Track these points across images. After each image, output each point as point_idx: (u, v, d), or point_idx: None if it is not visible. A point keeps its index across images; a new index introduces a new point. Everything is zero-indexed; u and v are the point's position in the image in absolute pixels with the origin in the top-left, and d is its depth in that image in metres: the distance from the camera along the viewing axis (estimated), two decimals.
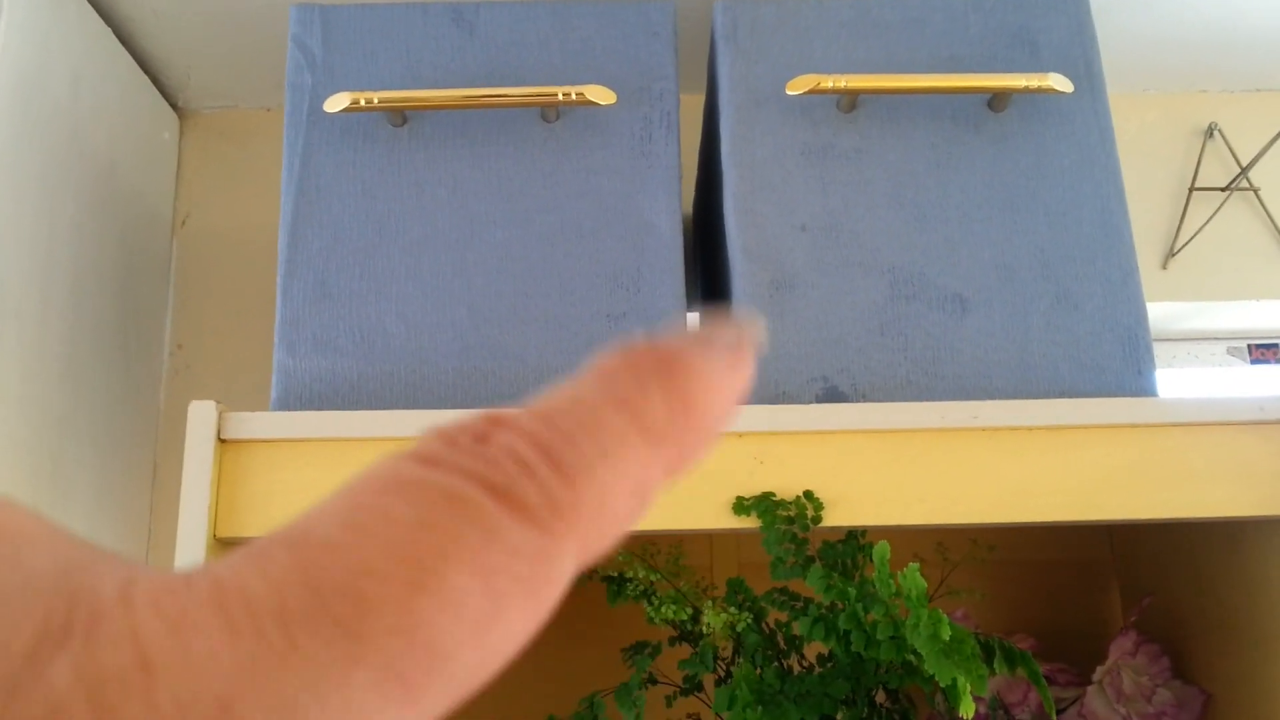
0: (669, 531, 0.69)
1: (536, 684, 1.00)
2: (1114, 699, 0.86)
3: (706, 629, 0.71)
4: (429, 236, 0.77)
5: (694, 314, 1.05)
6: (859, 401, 0.73)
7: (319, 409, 0.74)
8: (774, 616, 0.73)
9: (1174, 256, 1.19)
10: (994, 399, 0.73)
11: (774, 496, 0.68)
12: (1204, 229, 1.19)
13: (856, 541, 0.70)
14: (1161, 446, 0.71)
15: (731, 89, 0.79)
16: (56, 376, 0.97)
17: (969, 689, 0.51)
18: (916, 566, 0.57)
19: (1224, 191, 1.20)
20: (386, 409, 0.73)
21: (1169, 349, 1.28)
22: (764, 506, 0.68)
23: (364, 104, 0.75)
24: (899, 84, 0.76)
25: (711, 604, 0.71)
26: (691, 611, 0.73)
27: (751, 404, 0.73)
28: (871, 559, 0.70)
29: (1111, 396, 0.73)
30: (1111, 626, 1.03)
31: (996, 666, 0.64)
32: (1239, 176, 1.20)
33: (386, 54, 0.80)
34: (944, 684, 0.52)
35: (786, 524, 0.67)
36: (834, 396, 0.73)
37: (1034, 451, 0.70)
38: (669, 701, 0.75)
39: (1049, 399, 0.72)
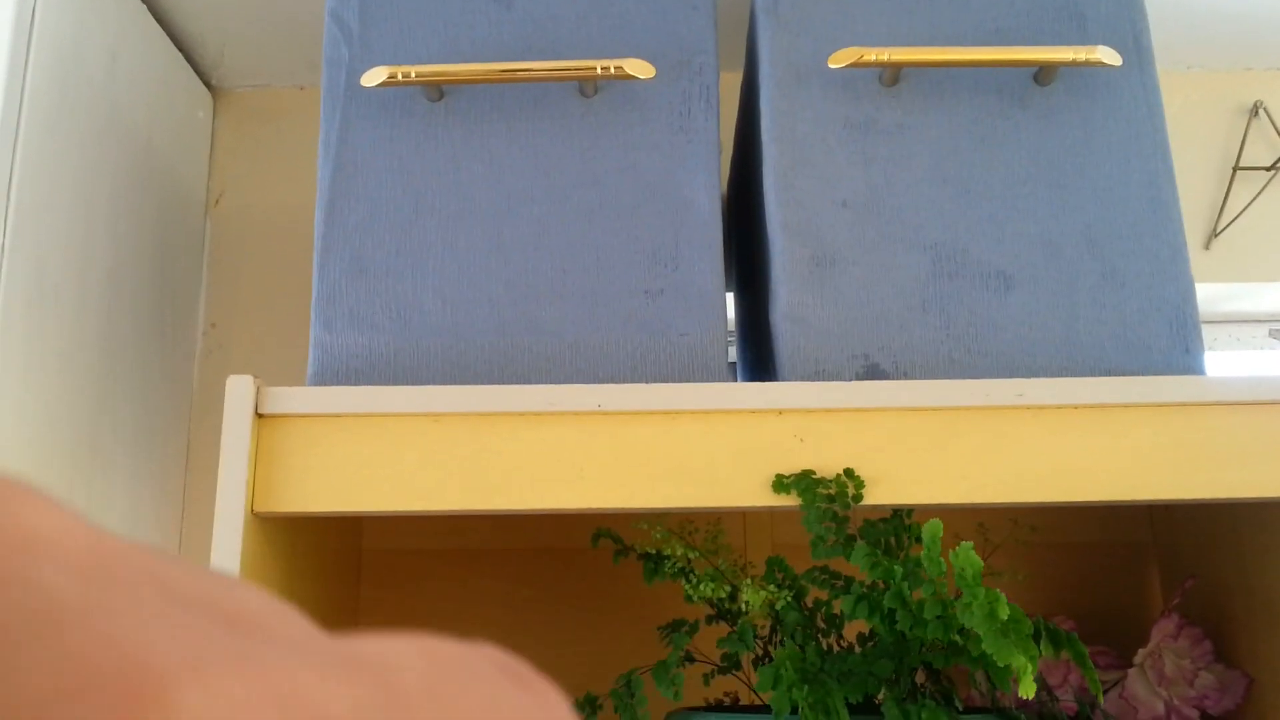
0: (708, 509, 0.69)
1: (572, 661, 1.00)
2: (1155, 682, 0.85)
3: (745, 607, 0.70)
4: (466, 212, 0.76)
5: (728, 295, 1.04)
6: (900, 379, 0.72)
7: (355, 384, 0.73)
8: (813, 595, 0.72)
9: (1217, 237, 1.18)
10: (1038, 377, 0.71)
11: (814, 474, 0.68)
12: (1248, 209, 1.17)
13: (901, 520, 0.70)
14: (1208, 426, 0.69)
15: (772, 63, 0.77)
16: (94, 355, 0.97)
17: (1029, 669, 0.51)
18: (970, 545, 0.56)
19: (1269, 171, 1.18)
20: (423, 384, 0.72)
21: (1210, 331, 1.26)
22: (804, 485, 0.67)
23: (401, 78, 0.75)
24: (943, 57, 0.75)
25: (750, 582, 0.70)
26: (729, 589, 0.72)
27: (792, 381, 0.72)
28: (915, 539, 0.69)
29: (1158, 375, 0.72)
30: (1151, 609, 1.01)
31: (1042, 648, 0.64)
32: None
33: (423, 28, 0.80)
34: (1002, 664, 0.51)
35: (827, 502, 0.67)
36: (875, 374, 0.72)
37: (1079, 430, 0.69)
38: (706, 680, 0.75)
39: (1095, 377, 0.71)
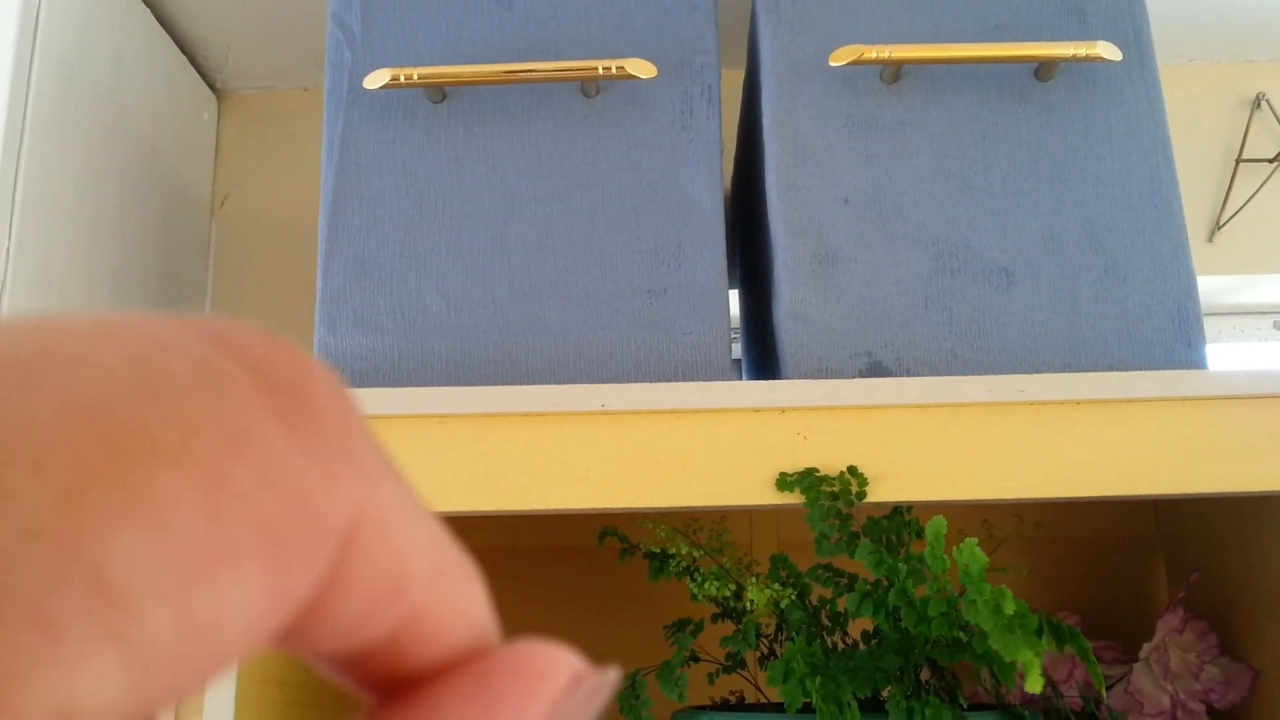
0: (712, 508, 0.69)
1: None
2: (1161, 676, 0.85)
3: (750, 606, 0.71)
4: (469, 213, 0.76)
5: (732, 292, 1.05)
6: (903, 376, 0.72)
7: (359, 386, 0.74)
8: (817, 593, 0.72)
9: (1220, 229, 1.17)
10: (1041, 373, 0.72)
11: (818, 472, 0.68)
12: (1251, 201, 1.17)
13: (902, 517, 0.70)
14: (1212, 420, 0.69)
15: (774, 61, 0.78)
16: None
17: (1037, 665, 0.51)
18: (974, 541, 0.56)
19: (1272, 163, 1.18)
20: (427, 386, 0.73)
21: (1214, 323, 1.26)
22: (808, 482, 0.67)
23: (404, 80, 0.75)
24: (944, 54, 0.75)
25: (755, 580, 0.70)
26: (734, 588, 0.73)
27: (795, 379, 0.72)
28: (917, 535, 0.70)
29: (1161, 370, 0.72)
30: (1156, 603, 1.02)
31: (1045, 643, 0.64)
32: None
33: (425, 30, 0.80)
34: (1009, 659, 0.52)
35: (830, 500, 0.67)
36: (878, 371, 0.72)
37: (1083, 426, 0.69)
38: (711, 679, 0.75)
39: (1097, 372, 0.71)
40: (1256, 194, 1.17)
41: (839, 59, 0.74)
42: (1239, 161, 1.18)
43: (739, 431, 0.69)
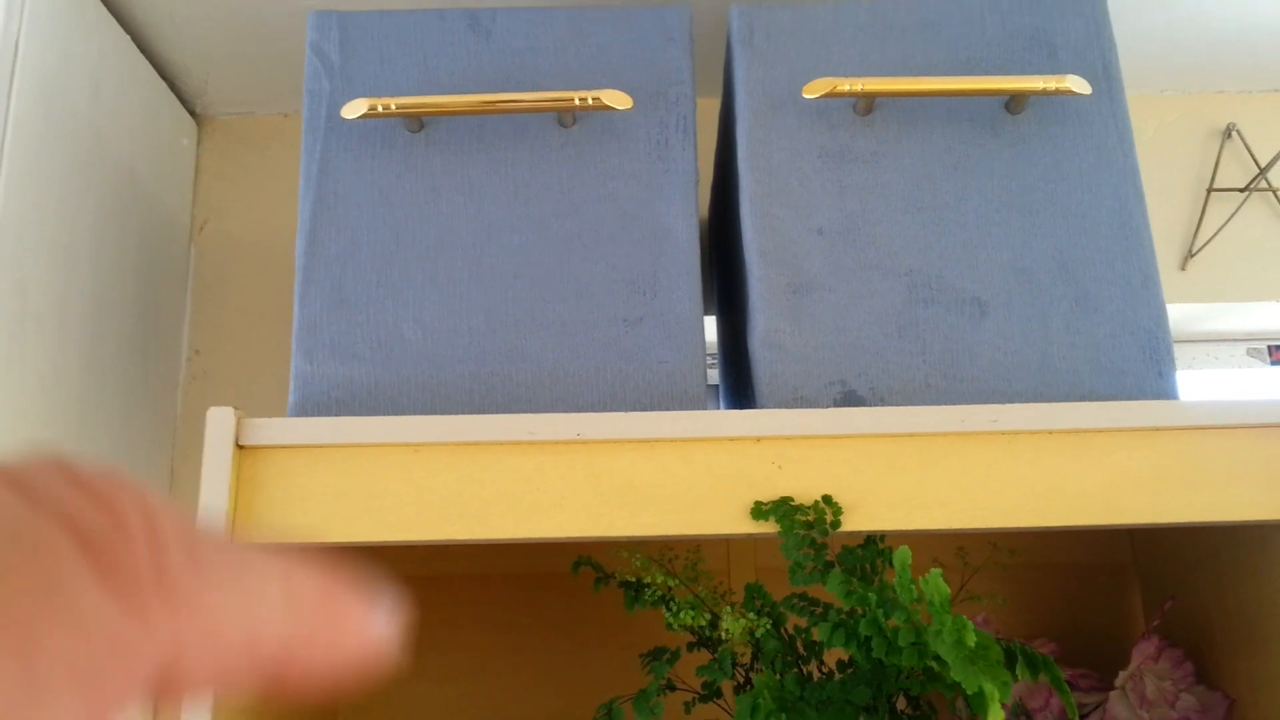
0: (687, 537, 0.69)
1: (552, 689, 1.00)
2: (1137, 704, 0.85)
3: (725, 635, 0.71)
4: (446, 242, 0.77)
5: (710, 318, 1.05)
6: (877, 405, 0.73)
7: (336, 415, 0.74)
8: (793, 622, 0.72)
9: (1193, 257, 1.19)
10: (1013, 402, 0.72)
11: (792, 501, 0.68)
12: (1223, 230, 1.19)
13: (875, 546, 0.70)
14: (1183, 450, 0.70)
15: (748, 93, 0.78)
16: (77, 382, 0.97)
17: (997, 696, 0.51)
18: (939, 572, 0.56)
19: (1243, 192, 1.19)
20: (403, 414, 0.73)
21: (1188, 350, 1.27)
22: (782, 511, 0.68)
23: (381, 110, 0.75)
24: (916, 87, 0.76)
25: (730, 610, 0.70)
26: (710, 617, 0.73)
27: (769, 408, 0.73)
28: (891, 564, 0.70)
29: (1132, 399, 0.73)
30: (1133, 631, 1.02)
31: (1019, 672, 0.64)
32: (1258, 177, 1.19)
33: (403, 60, 0.80)
34: (970, 691, 0.52)
35: (805, 529, 0.67)
36: (852, 400, 0.73)
37: (1055, 455, 0.70)
38: (688, 708, 0.75)
39: (1069, 402, 0.72)
40: (1228, 223, 1.18)
41: (812, 91, 0.75)
42: (1210, 191, 1.20)
43: (714, 460, 0.69)
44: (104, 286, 1.03)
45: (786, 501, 0.68)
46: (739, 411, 0.71)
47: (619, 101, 0.76)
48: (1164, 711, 0.85)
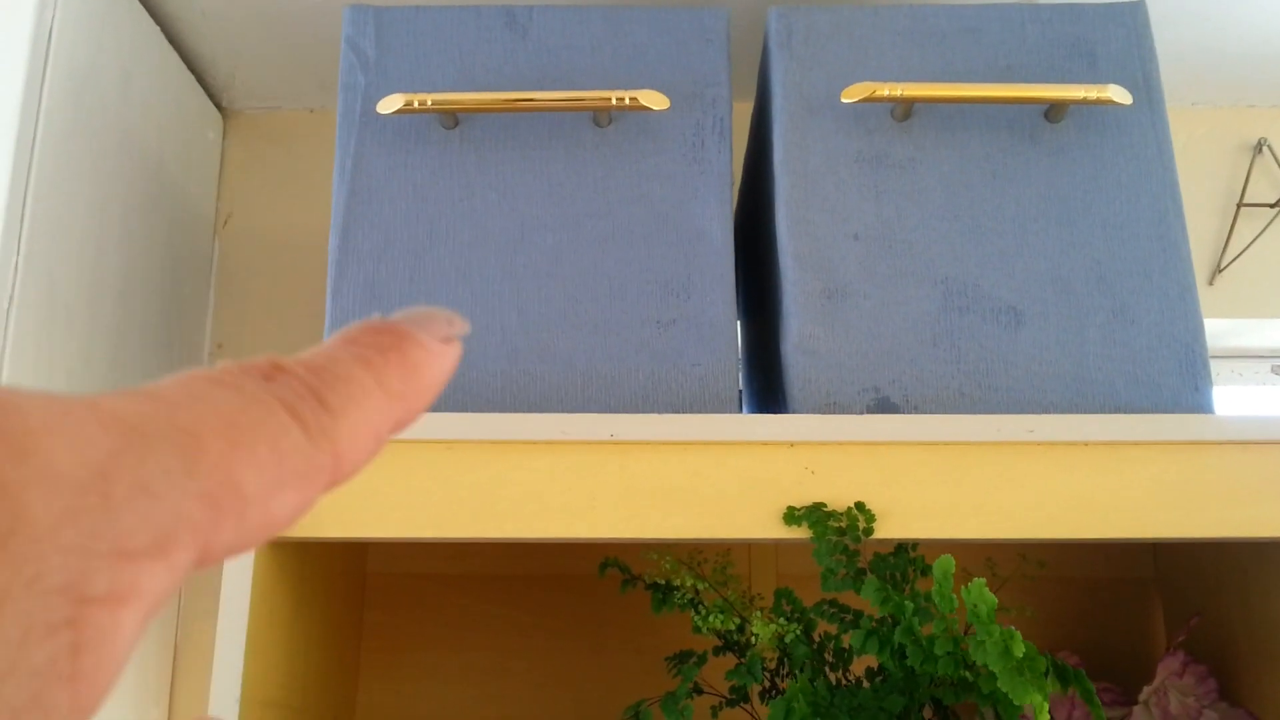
0: (718, 540, 0.69)
1: (574, 691, 0.99)
2: (1160, 719, 0.85)
3: (753, 640, 0.70)
4: (479, 240, 0.77)
5: (741, 322, 1.05)
6: (910, 413, 0.72)
7: None
8: (822, 628, 0.72)
9: (1221, 273, 1.18)
10: (1047, 413, 0.72)
11: (825, 507, 0.68)
12: (1252, 246, 1.18)
13: (907, 555, 0.70)
14: (1218, 465, 0.70)
15: (785, 96, 0.78)
16: (103, 373, 0.97)
17: (1045, 708, 0.51)
18: (983, 581, 0.56)
19: (1273, 208, 1.19)
20: (435, 411, 0.73)
21: (1213, 366, 1.26)
22: (815, 517, 0.67)
23: (417, 106, 0.75)
24: (955, 93, 0.75)
25: (759, 614, 0.70)
26: (739, 621, 0.72)
27: (801, 413, 0.72)
28: (922, 572, 0.69)
29: (1167, 413, 0.72)
30: (1154, 646, 1.01)
31: (1051, 684, 0.64)
32: None
33: (439, 56, 0.80)
34: (1019, 702, 0.51)
35: (838, 535, 0.67)
36: (885, 407, 0.72)
37: (1089, 467, 0.69)
38: (714, 712, 0.75)
39: (1105, 414, 0.71)
40: (1257, 239, 1.18)
41: (851, 95, 0.75)
42: (1240, 206, 1.19)
43: (746, 465, 0.69)
44: (130, 279, 1.03)
45: (819, 507, 0.68)
46: (772, 416, 0.71)
47: (656, 102, 0.75)
48: None
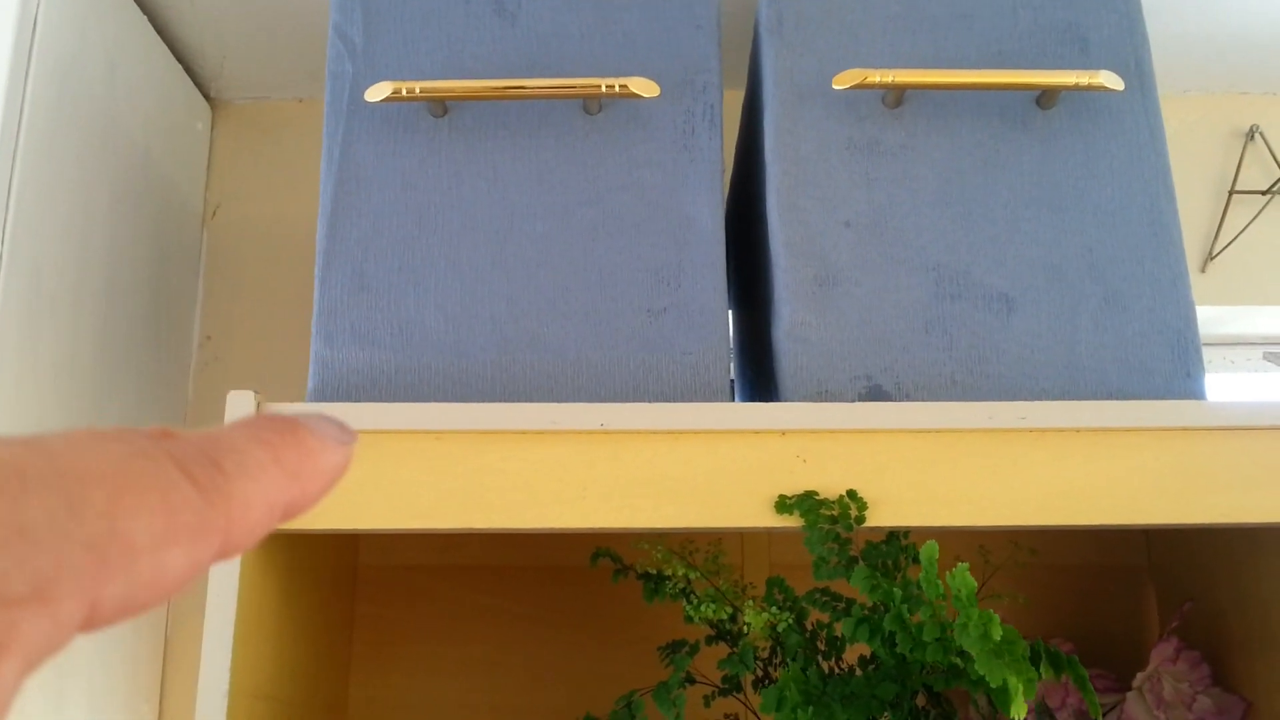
0: (709, 529, 0.68)
1: (566, 681, 0.99)
2: (1154, 705, 0.85)
3: (745, 629, 0.70)
4: (468, 228, 0.76)
5: (732, 310, 1.04)
6: (902, 400, 0.72)
7: (355, 400, 0.73)
8: (814, 617, 0.72)
9: (1213, 260, 1.18)
10: (1039, 400, 0.71)
11: (817, 495, 0.68)
12: (1243, 233, 1.18)
13: (899, 542, 0.69)
14: (1210, 451, 0.69)
15: (776, 82, 0.78)
16: (89, 366, 0.96)
17: (1020, 690, 0.50)
18: (966, 566, 0.56)
19: (1264, 195, 1.19)
20: (424, 401, 0.72)
21: (1205, 353, 1.26)
22: (807, 505, 0.67)
23: (405, 94, 0.75)
24: (946, 79, 0.75)
25: (751, 603, 0.70)
26: (730, 611, 0.72)
27: (793, 400, 0.72)
28: (914, 560, 0.69)
29: (1160, 399, 0.72)
30: (1147, 632, 1.01)
31: (1042, 670, 0.63)
32: None
33: (427, 43, 0.80)
34: (994, 685, 0.51)
35: (829, 523, 0.66)
36: (877, 395, 0.72)
37: (1081, 454, 0.69)
38: (707, 701, 0.74)
39: (1097, 400, 0.71)
40: (1249, 226, 1.18)
41: (842, 82, 0.74)
42: (1232, 193, 1.19)
43: (738, 453, 0.69)
44: (117, 270, 1.02)
45: (811, 495, 0.67)
46: (764, 404, 0.70)
47: (646, 89, 0.75)
48: (1181, 713, 0.85)
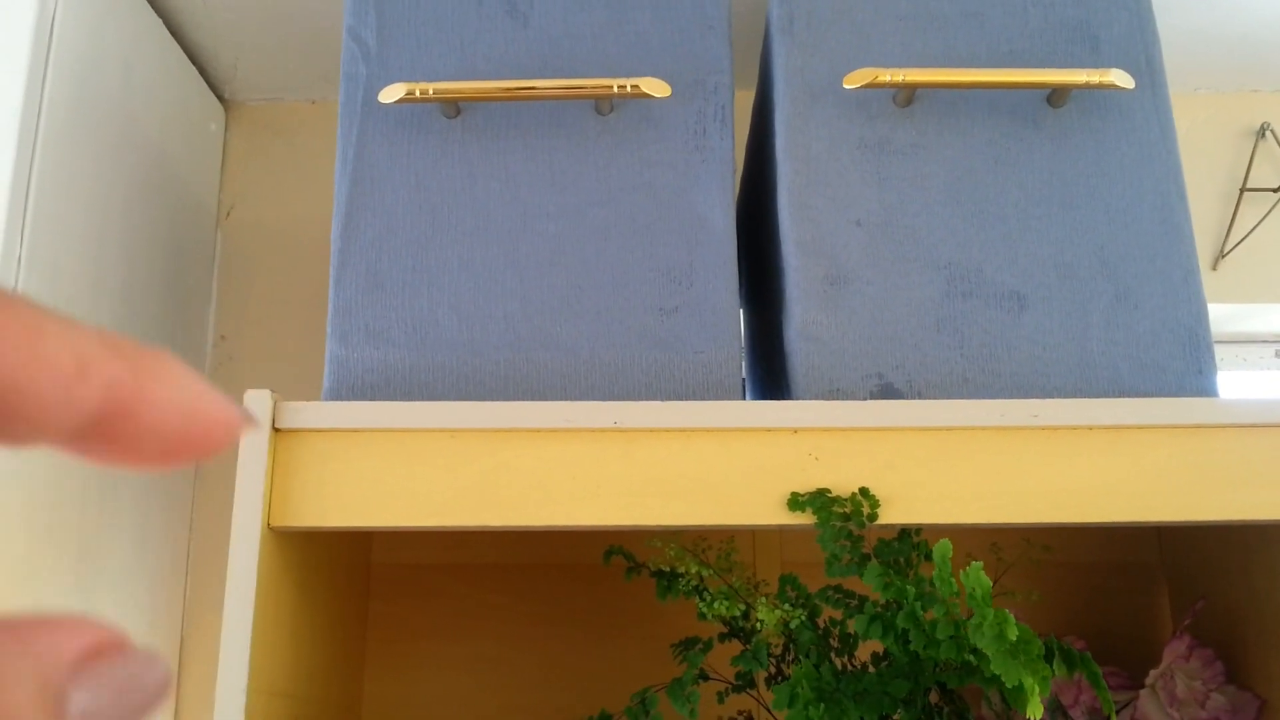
0: (722, 527, 0.69)
1: (579, 678, 0.99)
2: (1167, 703, 0.85)
3: (758, 626, 0.70)
4: (481, 228, 0.77)
5: (743, 310, 1.05)
6: (914, 398, 0.72)
7: (370, 399, 0.74)
8: (827, 614, 0.72)
9: (1224, 257, 1.18)
10: (1051, 397, 0.72)
11: (829, 493, 0.68)
12: (1255, 231, 1.18)
13: (911, 540, 0.70)
14: (1222, 448, 0.69)
15: (787, 82, 0.78)
16: None
17: (1037, 690, 0.51)
18: (980, 565, 0.56)
19: (1275, 193, 1.18)
20: (438, 400, 0.73)
21: (1217, 351, 1.26)
22: (819, 503, 0.67)
23: (419, 95, 0.75)
24: (957, 78, 0.75)
25: (764, 600, 0.70)
26: (743, 608, 0.73)
27: (805, 399, 0.72)
28: (926, 558, 0.69)
29: (1172, 397, 0.72)
30: (1160, 630, 1.02)
31: (1055, 668, 0.64)
32: None
33: (440, 45, 0.80)
34: (1010, 684, 0.51)
35: (842, 521, 0.67)
36: (889, 393, 0.72)
37: (1093, 451, 0.69)
38: (720, 698, 0.75)
39: (1109, 398, 0.71)
40: (1260, 224, 1.18)
41: (853, 81, 0.75)
42: (1243, 191, 1.19)
43: (750, 451, 0.69)
44: (133, 271, 1.03)
45: (824, 493, 0.68)
46: (776, 403, 0.71)
47: (657, 90, 0.75)
48: (1194, 711, 0.85)
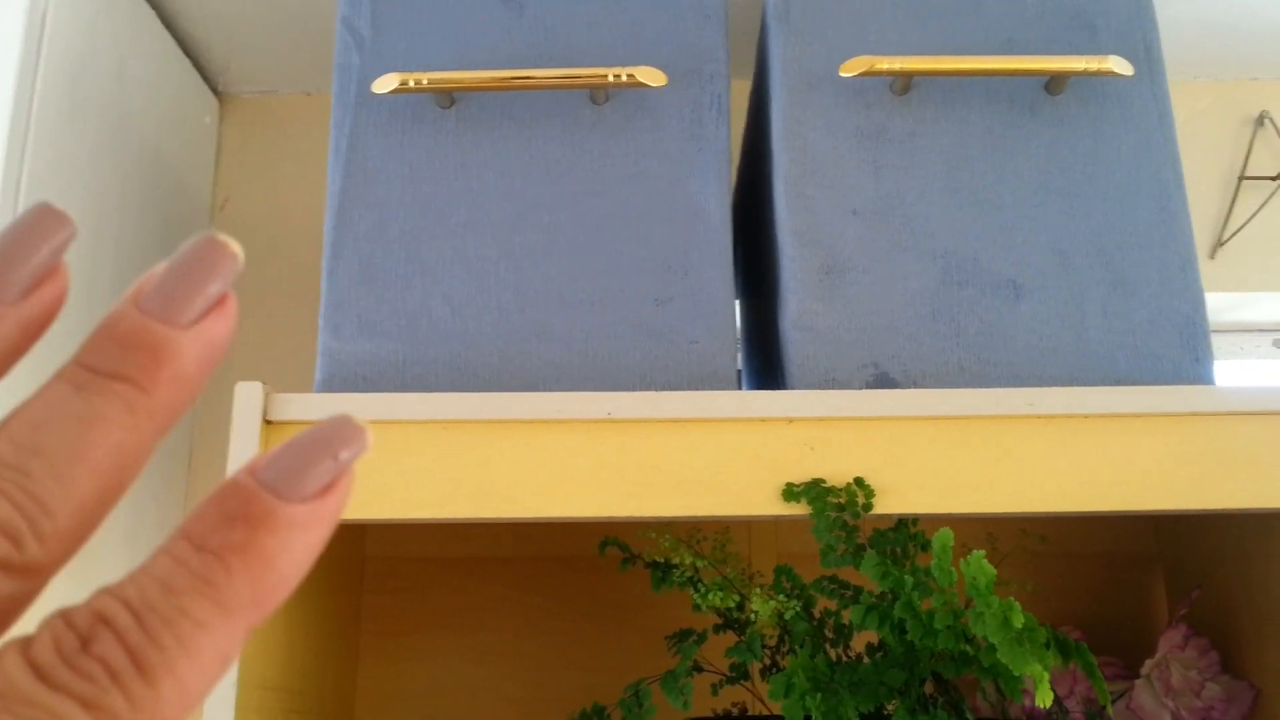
0: (717, 518, 0.68)
1: (576, 670, 0.99)
2: (1162, 693, 0.85)
3: (753, 617, 0.70)
4: (476, 219, 0.76)
5: (739, 300, 1.04)
6: (910, 388, 0.72)
7: (363, 391, 0.73)
8: (822, 605, 0.72)
9: (1222, 246, 1.18)
10: (1048, 386, 0.71)
11: (824, 483, 0.68)
12: (1253, 219, 1.17)
13: (907, 530, 0.69)
14: (1219, 436, 0.69)
15: (783, 70, 0.78)
16: None
17: (1046, 678, 0.50)
18: (982, 554, 0.56)
19: (1274, 181, 1.18)
20: (432, 391, 0.72)
21: (1214, 340, 1.26)
22: (814, 493, 0.67)
23: (412, 85, 0.75)
24: (954, 66, 0.75)
25: (759, 591, 0.70)
26: (738, 599, 0.72)
27: (801, 389, 0.72)
28: (922, 548, 0.69)
29: (1168, 385, 0.72)
30: (1156, 620, 1.01)
31: (1052, 657, 0.63)
32: None
33: (434, 35, 0.80)
34: (1018, 673, 0.51)
35: (837, 511, 0.66)
36: (885, 383, 0.72)
37: (1090, 440, 0.69)
38: (715, 690, 0.75)
39: (1105, 387, 0.71)
40: (1259, 212, 1.17)
41: (850, 70, 0.74)
42: (1241, 179, 1.19)
43: (745, 441, 0.69)
44: (127, 265, 1.03)
45: (819, 483, 0.67)
46: (771, 393, 0.70)
47: (653, 79, 0.75)
48: (1189, 700, 0.84)
